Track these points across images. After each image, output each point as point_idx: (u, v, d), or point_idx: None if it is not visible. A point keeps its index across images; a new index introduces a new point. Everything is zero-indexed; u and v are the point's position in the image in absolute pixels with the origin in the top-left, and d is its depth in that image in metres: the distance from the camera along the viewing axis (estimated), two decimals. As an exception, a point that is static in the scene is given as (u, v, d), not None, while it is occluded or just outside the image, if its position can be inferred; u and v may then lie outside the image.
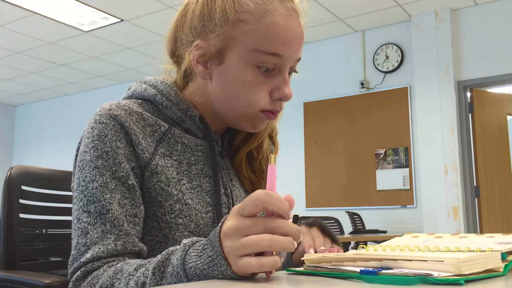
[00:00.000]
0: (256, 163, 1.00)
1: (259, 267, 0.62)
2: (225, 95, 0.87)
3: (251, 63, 0.84)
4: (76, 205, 0.82)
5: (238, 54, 0.84)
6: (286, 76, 0.86)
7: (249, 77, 0.84)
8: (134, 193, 0.82)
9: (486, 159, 4.76)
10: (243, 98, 0.85)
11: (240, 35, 0.83)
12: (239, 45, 0.83)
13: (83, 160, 0.83)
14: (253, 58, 0.83)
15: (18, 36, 5.43)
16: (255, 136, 0.98)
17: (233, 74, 0.85)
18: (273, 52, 0.83)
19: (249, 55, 0.83)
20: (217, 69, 0.86)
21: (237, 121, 0.90)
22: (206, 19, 0.86)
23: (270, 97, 0.86)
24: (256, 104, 0.85)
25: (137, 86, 0.95)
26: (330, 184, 5.41)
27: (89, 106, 7.34)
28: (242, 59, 0.84)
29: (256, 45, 0.82)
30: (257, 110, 0.86)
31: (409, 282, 0.54)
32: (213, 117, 0.93)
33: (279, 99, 0.87)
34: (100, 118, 0.84)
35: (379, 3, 4.77)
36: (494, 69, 4.66)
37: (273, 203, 0.62)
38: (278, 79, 0.86)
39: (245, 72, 0.84)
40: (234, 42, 0.84)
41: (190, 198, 0.86)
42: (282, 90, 0.85)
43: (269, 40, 0.82)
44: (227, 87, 0.86)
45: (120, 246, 0.78)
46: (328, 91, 5.55)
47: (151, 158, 0.85)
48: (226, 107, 0.89)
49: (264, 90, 0.85)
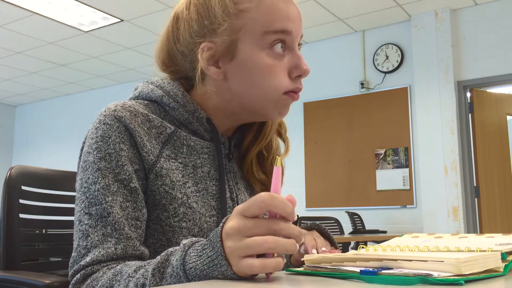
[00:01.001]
0: (267, 164, 0.99)
1: (262, 269, 0.62)
2: (246, 87, 0.86)
3: (264, 47, 0.84)
4: (78, 206, 0.81)
5: (249, 43, 0.84)
6: (299, 53, 0.87)
7: (266, 61, 0.84)
8: (136, 196, 0.82)
9: (486, 159, 4.76)
10: (265, 83, 0.85)
11: (246, 24, 0.84)
12: (247, 34, 0.84)
13: (86, 161, 0.82)
14: (264, 41, 0.84)
15: (18, 36, 5.43)
16: (263, 135, 0.97)
17: (249, 63, 0.85)
18: (282, 29, 0.84)
19: (260, 39, 0.84)
20: (230, 65, 0.86)
21: (264, 111, 0.88)
22: (206, 20, 0.86)
23: (289, 77, 0.86)
24: (280, 87, 0.85)
25: (143, 86, 0.94)
26: (330, 184, 5.41)
27: (89, 106, 7.35)
28: (254, 46, 0.84)
29: (264, 27, 0.83)
30: (281, 92, 0.85)
31: (409, 282, 0.54)
32: (224, 118, 0.92)
33: (299, 76, 0.87)
34: (104, 118, 0.83)
35: (379, 3, 4.77)
36: (494, 69, 4.67)
37: (277, 205, 0.62)
38: (293, 57, 0.86)
39: (261, 57, 0.84)
40: (242, 32, 0.84)
41: (195, 201, 0.86)
42: (300, 67, 0.86)
43: (275, 19, 0.84)
44: (246, 79, 0.86)
45: (120, 250, 0.77)
46: (328, 91, 5.55)
47: (156, 161, 0.84)
48: (249, 100, 0.87)
49: (283, 71, 0.85)
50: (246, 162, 0.98)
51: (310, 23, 5.09)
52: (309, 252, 0.83)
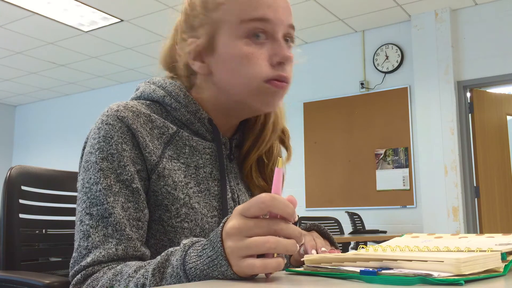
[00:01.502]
0: (267, 171, 0.99)
1: (263, 269, 0.62)
2: (228, 79, 0.87)
3: (242, 36, 0.84)
4: (79, 206, 0.81)
5: (227, 34, 0.85)
6: (281, 40, 0.85)
7: (244, 50, 0.83)
8: (138, 197, 0.81)
9: (486, 159, 4.76)
10: (245, 72, 0.84)
11: (223, 16, 0.85)
12: (225, 25, 0.85)
13: (88, 161, 0.82)
14: (242, 30, 0.84)
15: (18, 36, 5.43)
16: (262, 139, 0.96)
17: (228, 54, 0.85)
18: (260, 17, 0.83)
19: (237, 29, 0.84)
20: (213, 58, 0.87)
21: (249, 102, 0.87)
22: (190, 18, 0.90)
23: (271, 65, 0.84)
24: (259, 74, 0.83)
25: (145, 86, 0.94)
26: (330, 184, 5.41)
27: (89, 106, 7.35)
28: (232, 36, 0.84)
29: (241, 16, 0.83)
30: (261, 80, 0.84)
31: (409, 282, 0.54)
32: (221, 116, 0.92)
33: (280, 63, 0.84)
34: (107, 119, 0.83)
35: (379, 3, 4.77)
36: (494, 69, 4.67)
37: (278, 206, 0.62)
38: (274, 45, 0.85)
39: (239, 46, 0.84)
40: (219, 24, 0.85)
41: (197, 202, 0.86)
42: (279, 53, 0.84)
43: (252, 7, 0.83)
44: (227, 70, 0.86)
45: (121, 251, 0.77)
46: (328, 91, 5.55)
47: (158, 161, 0.84)
48: (233, 92, 0.87)
49: (263, 59, 0.84)
50: (245, 167, 0.98)
51: (310, 23, 5.09)
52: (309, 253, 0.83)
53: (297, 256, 0.87)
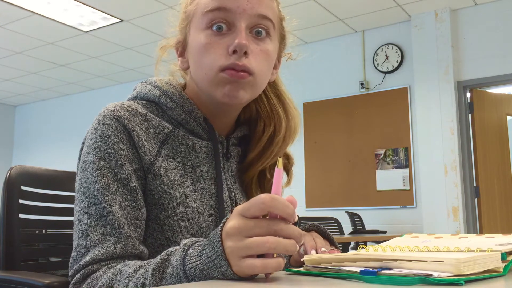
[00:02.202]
0: (267, 186, 0.98)
1: (263, 269, 0.62)
2: (194, 71, 0.89)
3: (204, 28, 0.85)
4: (77, 206, 0.81)
5: (194, 26, 0.88)
6: (241, 29, 0.82)
7: (203, 40, 0.84)
8: (135, 196, 0.82)
9: (486, 159, 4.76)
10: (203, 62, 0.84)
11: (193, 9, 0.88)
12: (195, 18, 0.88)
13: (85, 161, 0.82)
14: (204, 21, 0.85)
15: (18, 36, 5.43)
16: (270, 152, 0.95)
17: (193, 46, 0.87)
18: (219, 7, 0.83)
19: (201, 20, 0.85)
20: (188, 52, 0.90)
21: (210, 93, 0.85)
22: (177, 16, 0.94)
23: (228, 54, 0.82)
24: (213, 64, 0.82)
25: (142, 87, 0.95)
26: (330, 184, 5.41)
27: (89, 106, 7.35)
28: (197, 28, 0.86)
29: (204, 7, 0.85)
30: (216, 69, 0.82)
31: (409, 282, 0.54)
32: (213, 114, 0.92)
33: (235, 52, 0.81)
34: (103, 119, 0.84)
35: (379, 3, 4.77)
36: (494, 69, 4.66)
37: (278, 207, 0.62)
38: (234, 35, 0.83)
39: (199, 38, 0.85)
40: (190, 17, 0.89)
41: (193, 200, 0.86)
42: (234, 41, 0.81)
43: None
44: (193, 62, 0.88)
45: (120, 249, 0.77)
46: (328, 91, 5.55)
47: (154, 160, 0.84)
48: (200, 85, 0.88)
49: (221, 49, 0.83)
50: (246, 179, 0.97)
51: (310, 23, 5.09)
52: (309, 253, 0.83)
53: (297, 257, 0.87)
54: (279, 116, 0.95)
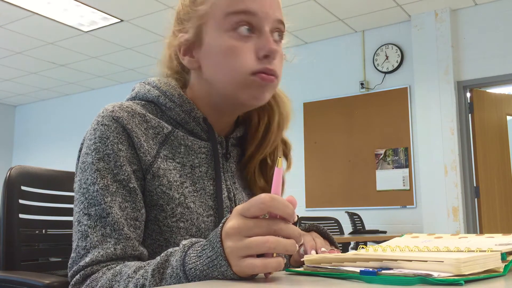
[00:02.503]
0: (270, 173, 0.98)
1: (263, 269, 0.62)
2: (214, 72, 0.87)
3: (228, 29, 0.84)
4: (77, 207, 0.81)
5: (213, 27, 0.86)
6: (268, 34, 0.85)
7: (229, 43, 0.84)
8: (135, 196, 0.81)
9: (486, 159, 4.76)
10: (230, 65, 0.84)
11: (209, 9, 0.86)
12: (211, 18, 0.86)
13: (84, 162, 0.82)
14: (227, 23, 0.84)
15: (18, 36, 5.43)
16: (267, 141, 0.96)
17: (214, 47, 0.85)
18: (244, 10, 0.83)
19: (223, 22, 0.84)
20: (201, 52, 0.88)
21: (236, 95, 0.86)
22: (180, 13, 0.91)
23: (257, 58, 0.84)
24: (244, 67, 0.83)
25: (140, 87, 0.94)
26: (330, 184, 5.41)
27: (89, 106, 7.35)
28: (217, 29, 0.85)
29: (226, 9, 0.84)
30: (247, 73, 0.83)
31: (409, 282, 0.54)
32: (216, 114, 0.92)
33: (266, 56, 0.84)
34: (102, 120, 0.83)
35: (379, 3, 4.77)
36: (494, 69, 4.67)
37: (277, 207, 0.62)
38: (261, 38, 0.84)
39: (223, 40, 0.84)
40: (206, 17, 0.86)
41: (192, 201, 0.86)
42: (266, 46, 0.83)
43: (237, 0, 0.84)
44: (213, 64, 0.87)
45: (119, 250, 0.77)
46: (328, 91, 5.55)
47: (153, 161, 0.84)
48: (220, 86, 0.87)
49: (249, 52, 0.83)
50: (249, 170, 0.98)
51: (310, 23, 5.09)
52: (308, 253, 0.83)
53: (297, 257, 0.87)
54: (271, 106, 0.96)
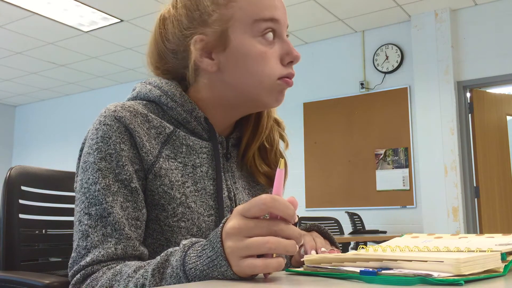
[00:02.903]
0: (270, 156, 1.00)
1: (264, 269, 0.62)
2: (240, 76, 0.88)
3: (256, 35, 0.86)
4: (78, 207, 0.81)
5: (240, 32, 0.86)
6: (288, 40, 0.90)
7: (259, 48, 0.86)
8: (136, 196, 0.82)
9: (486, 159, 4.76)
10: (259, 70, 0.87)
11: (235, 13, 0.86)
12: (238, 23, 0.86)
13: (86, 161, 0.82)
14: (256, 29, 0.86)
15: (18, 36, 5.43)
16: (261, 128, 0.97)
17: (242, 51, 0.86)
18: (271, 17, 0.87)
19: (251, 27, 0.86)
20: (224, 55, 0.87)
21: (261, 98, 0.90)
22: (195, 13, 0.89)
23: (281, 63, 0.89)
24: (273, 73, 0.87)
25: (141, 87, 0.94)
26: (330, 184, 5.41)
27: (89, 107, 7.35)
28: (245, 34, 0.86)
29: (254, 15, 0.86)
30: (275, 78, 0.88)
31: (409, 282, 0.54)
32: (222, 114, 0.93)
33: (290, 62, 0.89)
34: (104, 119, 0.83)
35: (379, 3, 4.77)
36: (494, 70, 4.67)
37: (278, 208, 0.62)
38: (283, 44, 0.89)
39: (253, 45, 0.86)
40: (232, 21, 0.86)
41: (193, 201, 0.86)
42: (291, 53, 0.89)
43: (264, 7, 0.87)
44: (240, 67, 0.87)
45: (120, 250, 0.77)
46: (328, 91, 5.55)
47: (155, 161, 0.84)
48: (245, 88, 0.88)
49: (275, 58, 0.88)
50: (248, 158, 0.98)
51: (310, 23, 5.09)
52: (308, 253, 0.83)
53: (298, 257, 0.87)
54: None
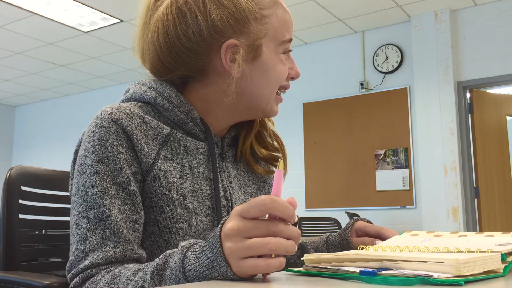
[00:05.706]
0: (267, 140, 1.03)
1: (266, 269, 0.62)
2: (259, 86, 0.91)
3: (280, 52, 0.93)
4: (75, 210, 0.80)
5: (271, 48, 0.92)
6: (292, 57, 0.98)
7: (282, 66, 0.94)
8: (134, 199, 0.81)
9: (485, 159, 4.76)
10: (276, 85, 0.94)
11: (269, 30, 0.91)
12: (270, 39, 0.91)
13: (83, 164, 0.81)
14: (281, 48, 0.93)
15: (18, 36, 5.43)
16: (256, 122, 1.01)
17: (269, 66, 0.92)
18: (290, 38, 0.95)
19: (279, 46, 0.93)
20: (251, 65, 0.90)
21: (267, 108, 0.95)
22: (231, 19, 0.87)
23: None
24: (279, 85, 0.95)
25: (136, 88, 0.93)
26: (329, 184, 5.41)
27: (89, 107, 7.35)
28: (274, 51, 0.92)
29: (281, 36, 0.93)
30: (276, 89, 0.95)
31: (409, 283, 0.54)
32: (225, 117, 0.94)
33: (291, 78, 0.98)
34: (101, 122, 0.82)
35: (378, 3, 4.77)
36: (493, 70, 4.66)
37: (278, 209, 0.62)
38: (289, 61, 0.96)
39: (279, 62, 0.93)
40: (266, 37, 0.91)
41: (191, 202, 0.86)
42: (295, 70, 0.97)
43: (287, 29, 0.94)
44: (262, 79, 0.91)
45: (119, 254, 0.77)
46: (327, 91, 5.55)
47: (153, 163, 0.84)
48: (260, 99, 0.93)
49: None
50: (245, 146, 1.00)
51: (310, 23, 5.09)
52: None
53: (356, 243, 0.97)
54: None
